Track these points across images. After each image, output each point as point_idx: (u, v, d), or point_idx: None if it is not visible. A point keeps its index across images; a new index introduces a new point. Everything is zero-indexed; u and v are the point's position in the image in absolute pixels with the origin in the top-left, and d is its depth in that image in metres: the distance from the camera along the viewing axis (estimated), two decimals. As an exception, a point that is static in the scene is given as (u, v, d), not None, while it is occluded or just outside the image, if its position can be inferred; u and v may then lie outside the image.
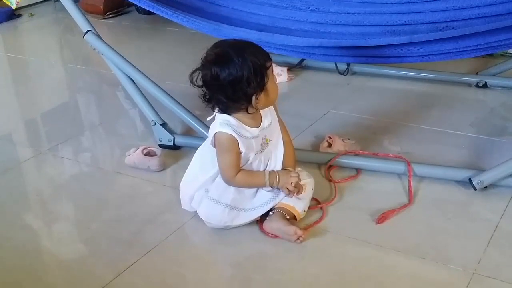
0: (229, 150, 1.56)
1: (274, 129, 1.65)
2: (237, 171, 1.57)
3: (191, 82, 1.53)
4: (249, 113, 1.54)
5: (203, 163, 1.67)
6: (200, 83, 1.53)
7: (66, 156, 2.17)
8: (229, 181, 1.59)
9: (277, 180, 1.59)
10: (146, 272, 1.51)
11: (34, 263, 1.58)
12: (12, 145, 2.33)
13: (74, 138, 2.31)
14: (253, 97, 1.50)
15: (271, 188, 1.62)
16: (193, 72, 1.53)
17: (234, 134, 1.54)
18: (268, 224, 1.60)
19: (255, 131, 1.58)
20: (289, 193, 1.60)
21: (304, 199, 1.65)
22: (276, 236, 1.59)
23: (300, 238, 1.55)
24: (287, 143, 1.69)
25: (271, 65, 1.53)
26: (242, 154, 1.57)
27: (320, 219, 1.67)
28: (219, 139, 1.56)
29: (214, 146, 1.59)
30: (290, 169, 1.65)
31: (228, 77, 1.47)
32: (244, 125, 1.56)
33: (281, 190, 1.61)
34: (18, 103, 2.82)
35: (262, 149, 1.61)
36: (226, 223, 1.62)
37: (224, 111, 1.56)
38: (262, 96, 1.52)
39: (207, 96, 1.55)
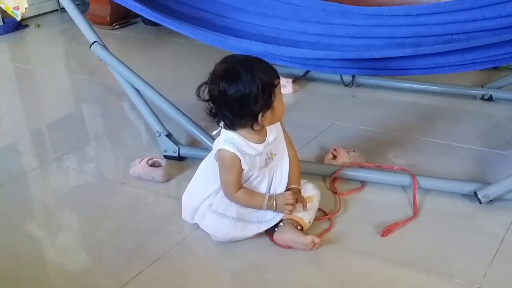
0: (231, 168, 1.56)
1: (279, 143, 1.65)
2: (237, 188, 1.58)
3: (198, 96, 1.52)
4: (254, 130, 1.54)
5: (206, 176, 1.67)
6: (207, 97, 1.52)
7: (71, 166, 2.17)
8: (229, 197, 1.60)
9: (275, 205, 1.59)
10: (150, 283, 1.50)
11: (38, 272, 1.58)
12: (18, 154, 2.34)
13: (80, 148, 2.31)
14: (260, 115, 1.50)
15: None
16: (200, 86, 1.52)
17: (237, 153, 1.53)
18: (280, 236, 1.60)
19: (260, 147, 1.58)
20: (289, 213, 1.60)
21: (311, 210, 1.65)
22: (289, 247, 1.59)
23: (316, 246, 1.56)
24: (293, 157, 1.69)
25: (279, 83, 1.52)
26: (244, 171, 1.57)
27: (330, 227, 1.67)
28: (222, 156, 1.56)
29: (217, 161, 1.59)
30: (292, 187, 1.64)
31: (235, 94, 1.46)
32: (249, 142, 1.56)
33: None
34: (24, 113, 2.83)
35: (267, 164, 1.61)
36: (234, 236, 1.61)
37: (229, 126, 1.55)
38: (268, 113, 1.52)
39: (213, 111, 1.55)
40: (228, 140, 1.55)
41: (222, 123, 1.57)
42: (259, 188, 1.62)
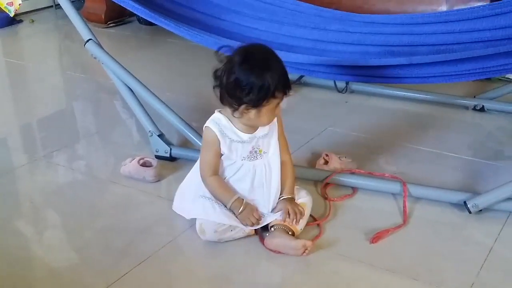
0: (209, 147, 1.61)
1: (269, 142, 1.65)
2: (212, 171, 1.62)
3: (218, 54, 1.54)
4: (234, 116, 1.56)
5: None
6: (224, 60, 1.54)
7: (61, 164, 2.16)
8: (202, 178, 1.65)
9: (239, 211, 1.60)
10: (137, 283, 1.49)
11: (24, 270, 1.57)
12: (7, 150, 2.32)
13: (70, 146, 2.30)
14: (243, 106, 1.52)
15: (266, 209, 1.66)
16: (229, 48, 1.54)
17: (218, 134, 1.59)
18: (271, 241, 1.59)
19: (244, 136, 1.60)
20: (246, 225, 1.61)
21: (303, 217, 1.65)
22: (279, 252, 1.58)
23: (307, 251, 1.55)
24: (287, 163, 1.70)
25: (281, 97, 1.52)
26: (223, 156, 1.61)
27: (319, 233, 1.67)
28: (205, 133, 1.63)
29: None
30: (287, 197, 1.66)
31: (237, 74, 1.49)
32: (235, 128, 1.60)
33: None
34: (15, 108, 2.81)
35: (252, 157, 1.62)
36: (221, 237, 1.61)
37: (219, 96, 1.56)
38: (253, 112, 1.53)
39: (217, 73, 1.55)
40: (214, 119, 1.61)
41: (217, 91, 1.56)
42: (242, 181, 1.63)
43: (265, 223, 1.63)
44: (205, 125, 1.62)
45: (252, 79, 1.47)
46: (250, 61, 1.50)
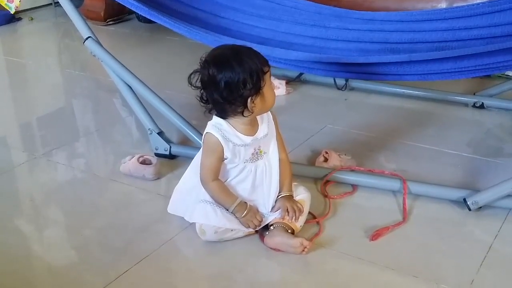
0: (212, 153, 1.59)
1: (269, 142, 1.65)
2: (214, 176, 1.60)
3: (190, 83, 1.54)
4: (245, 116, 1.54)
5: (198, 171, 1.67)
6: (199, 84, 1.54)
7: (61, 162, 2.15)
8: (203, 183, 1.62)
9: (242, 215, 1.60)
10: (136, 281, 1.49)
11: (24, 268, 1.57)
12: (7, 148, 2.32)
13: (70, 144, 2.30)
14: (249, 100, 1.51)
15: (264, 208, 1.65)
16: (192, 73, 1.55)
17: (221, 139, 1.56)
18: (270, 239, 1.59)
19: (247, 139, 1.59)
20: (248, 227, 1.61)
21: (302, 214, 1.65)
22: (279, 250, 1.58)
23: (306, 250, 1.55)
24: (284, 161, 1.69)
25: (268, 70, 1.54)
26: (227, 160, 1.59)
27: (319, 231, 1.67)
28: (206, 139, 1.60)
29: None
30: (286, 195, 1.65)
31: (224, 78, 1.48)
32: (237, 132, 1.58)
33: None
34: (15, 106, 2.81)
35: (254, 159, 1.62)
36: (222, 237, 1.61)
37: (220, 113, 1.58)
38: (258, 100, 1.53)
39: (205, 97, 1.56)
40: (215, 125, 1.59)
41: (214, 112, 1.58)
42: (243, 182, 1.63)
43: (266, 223, 1.63)
44: (205, 131, 1.59)
45: (239, 72, 1.48)
46: (224, 62, 1.49)
